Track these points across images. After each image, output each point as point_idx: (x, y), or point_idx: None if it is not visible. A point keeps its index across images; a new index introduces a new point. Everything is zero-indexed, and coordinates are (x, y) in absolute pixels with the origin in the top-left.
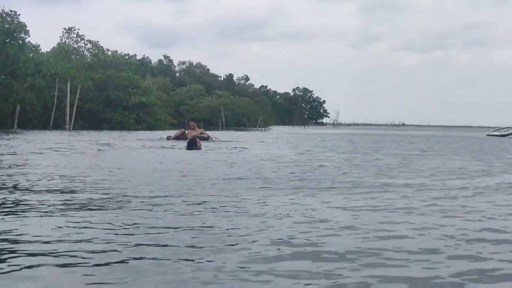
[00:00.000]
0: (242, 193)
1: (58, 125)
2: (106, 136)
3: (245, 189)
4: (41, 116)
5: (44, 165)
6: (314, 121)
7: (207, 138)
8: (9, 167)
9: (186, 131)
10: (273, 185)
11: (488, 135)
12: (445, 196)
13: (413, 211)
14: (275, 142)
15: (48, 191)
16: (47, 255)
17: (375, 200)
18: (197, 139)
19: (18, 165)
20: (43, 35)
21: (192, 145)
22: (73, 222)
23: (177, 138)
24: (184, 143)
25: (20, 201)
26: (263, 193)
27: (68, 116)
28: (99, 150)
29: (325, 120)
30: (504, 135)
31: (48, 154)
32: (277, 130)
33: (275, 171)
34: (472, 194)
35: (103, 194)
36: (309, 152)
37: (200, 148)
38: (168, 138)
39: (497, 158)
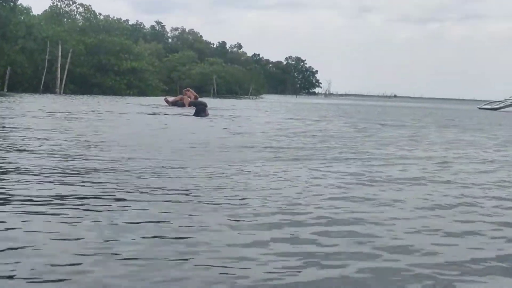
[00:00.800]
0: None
1: (49, 89)
2: (108, 101)
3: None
4: (31, 79)
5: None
6: (306, 90)
7: (204, 103)
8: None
9: (183, 97)
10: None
11: (479, 108)
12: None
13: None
14: (278, 110)
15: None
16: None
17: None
18: (205, 106)
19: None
20: None
21: (200, 111)
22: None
23: (174, 103)
24: (186, 110)
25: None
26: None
27: (59, 79)
28: (127, 119)
29: (317, 90)
30: (495, 109)
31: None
32: (269, 99)
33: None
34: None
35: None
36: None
37: (207, 115)
38: (166, 100)
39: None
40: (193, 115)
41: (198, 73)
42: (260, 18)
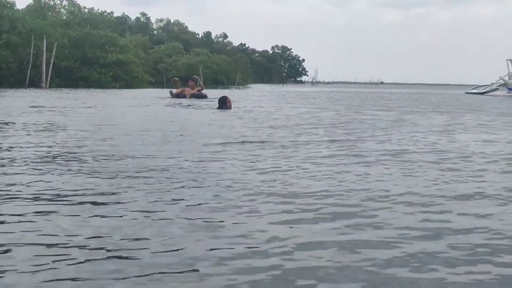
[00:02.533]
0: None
1: (34, 83)
2: (109, 96)
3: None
4: (17, 73)
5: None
6: (293, 79)
7: (205, 96)
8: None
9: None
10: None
11: (467, 92)
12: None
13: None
14: (282, 100)
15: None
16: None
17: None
18: (228, 98)
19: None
20: None
21: (222, 104)
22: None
23: (177, 95)
24: (188, 101)
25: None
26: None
27: (44, 74)
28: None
29: (303, 78)
30: (482, 93)
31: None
32: (257, 88)
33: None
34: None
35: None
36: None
37: (230, 108)
38: (171, 93)
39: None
40: (217, 108)
41: (184, 64)
42: (246, 6)
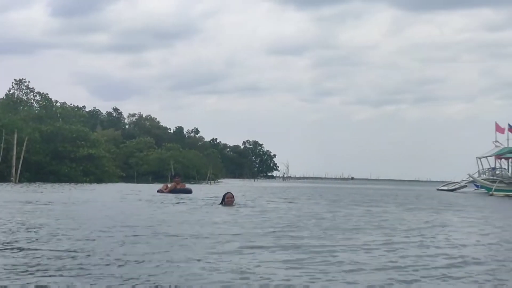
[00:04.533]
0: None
1: (4, 177)
2: (111, 191)
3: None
4: None
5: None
6: (264, 174)
7: (190, 191)
8: None
9: (168, 185)
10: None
11: (438, 189)
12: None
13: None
14: (262, 195)
15: None
16: None
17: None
18: (231, 194)
19: None
20: None
21: (224, 199)
22: None
23: (161, 191)
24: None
25: None
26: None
27: (14, 168)
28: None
29: (275, 173)
30: (452, 190)
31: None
32: (229, 183)
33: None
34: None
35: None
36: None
37: (232, 203)
38: (159, 190)
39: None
40: (220, 204)
41: (155, 158)
42: (218, 102)
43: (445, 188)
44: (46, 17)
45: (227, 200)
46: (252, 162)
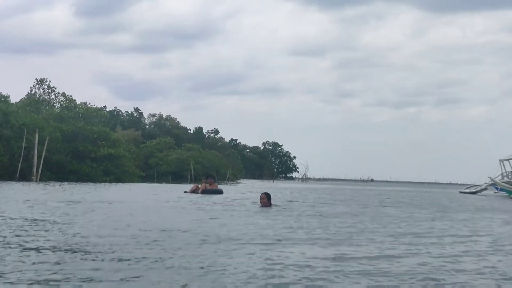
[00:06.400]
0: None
1: (25, 176)
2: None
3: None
4: (7, 166)
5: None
6: (283, 175)
7: (221, 192)
8: None
9: (199, 186)
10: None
11: (460, 192)
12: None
13: None
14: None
15: None
16: None
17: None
18: (261, 194)
19: None
20: (15, 86)
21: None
22: None
23: (193, 191)
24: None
25: None
26: None
27: (35, 167)
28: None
29: (294, 174)
30: (473, 192)
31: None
32: (250, 184)
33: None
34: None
35: None
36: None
37: (270, 205)
38: (189, 191)
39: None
40: (261, 206)
41: (175, 158)
42: (239, 103)
43: (467, 190)
44: (69, 17)
45: (262, 201)
46: (271, 163)
